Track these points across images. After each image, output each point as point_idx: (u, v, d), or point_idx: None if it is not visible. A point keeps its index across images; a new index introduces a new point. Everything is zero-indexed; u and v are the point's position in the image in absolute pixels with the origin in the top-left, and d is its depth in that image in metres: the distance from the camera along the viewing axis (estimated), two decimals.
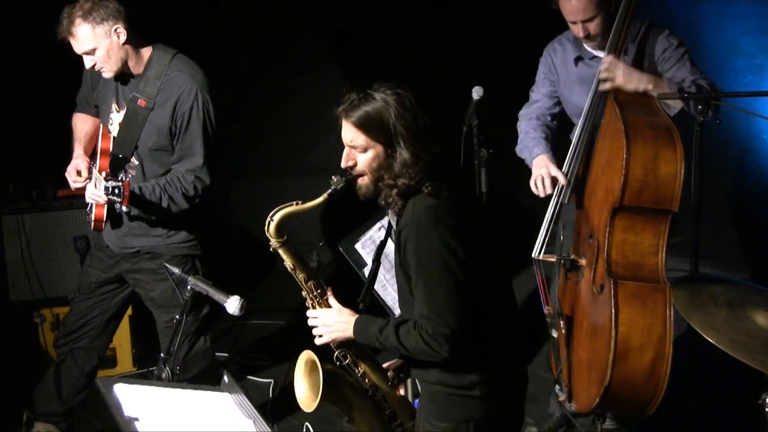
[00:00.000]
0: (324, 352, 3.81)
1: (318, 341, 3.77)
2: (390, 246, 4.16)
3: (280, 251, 3.76)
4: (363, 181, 3.51)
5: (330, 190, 3.53)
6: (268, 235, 3.71)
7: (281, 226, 3.69)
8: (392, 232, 3.66)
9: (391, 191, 3.43)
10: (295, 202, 3.63)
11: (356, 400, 3.89)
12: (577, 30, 4.86)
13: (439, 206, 3.40)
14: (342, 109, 3.47)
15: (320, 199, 3.57)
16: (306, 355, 3.82)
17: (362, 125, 3.41)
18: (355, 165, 3.49)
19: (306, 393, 3.82)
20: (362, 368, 3.88)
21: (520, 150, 5.20)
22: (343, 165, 3.51)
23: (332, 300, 3.79)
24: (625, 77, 4.69)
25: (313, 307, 3.81)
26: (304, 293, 3.83)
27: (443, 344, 3.35)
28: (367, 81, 3.52)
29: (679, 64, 4.82)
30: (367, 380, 3.90)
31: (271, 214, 3.67)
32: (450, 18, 7.77)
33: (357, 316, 3.68)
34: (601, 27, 4.82)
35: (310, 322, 3.78)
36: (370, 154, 3.45)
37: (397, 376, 3.92)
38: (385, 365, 3.96)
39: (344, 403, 3.90)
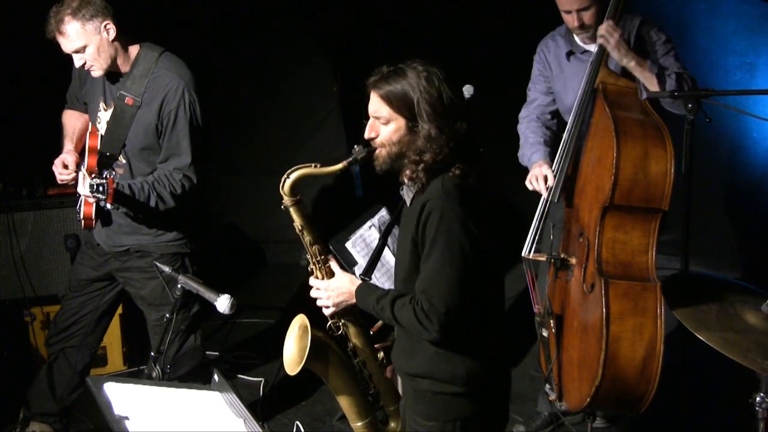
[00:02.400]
0: (319, 319, 3.84)
1: (326, 312, 3.82)
2: (386, 250, 4.18)
3: (291, 210, 3.79)
4: (380, 153, 3.52)
5: (350, 158, 3.59)
6: (282, 193, 3.75)
7: (296, 185, 3.72)
8: (403, 210, 3.65)
9: (417, 167, 3.43)
10: (313, 164, 3.67)
11: (341, 372, 3.90)
12: (572, 20, 4.88)
13: (468, 189, 3.42)
14: (372, 80, 3.50)
15: (340, 166, 3.61)
16: (300, 319, 3.85)
17: (387, 97, 3.44)
18: (378, 137, 3.51)
19: (293, 355, 3.85)
20: (353, 342, 3.90)
21: (521, 157, 5.22)
22: (366, 136, 3.54)
23: (334, 265, 3.84)
24: (619, 44, 4.72)
25: (315, 272, 3.85)
26: (307, 256, 3.85)
27: (435, 323, 3.36)
28: (358, 81, 3.53)
29: (665, 58, 4.85)
30: (356, 355, 3.91)
31: (288, 171, 3.71)
32: (440, 17, 7.78)
33: (359, 282, 3.72)
34: (595, 17, 4.85)
35: (313, 293, 3.81)
36: (392, 126, 3.47)
37: (387, 357, 3.93)
38: (377, 345, 3.97)
39: (328, 373, 3.91)
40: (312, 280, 3.84)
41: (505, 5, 7.44)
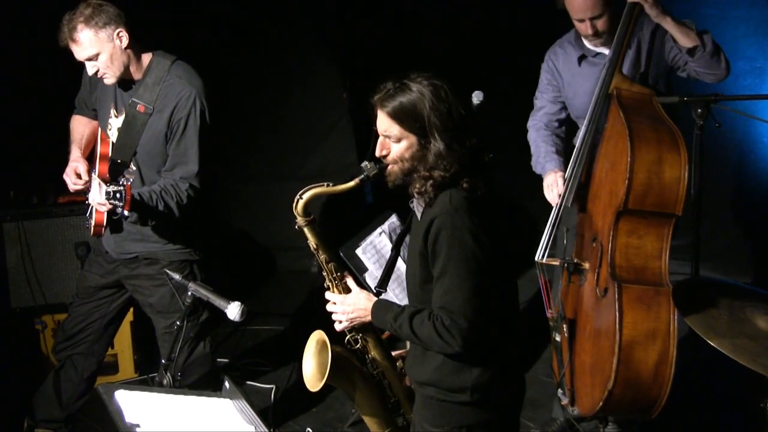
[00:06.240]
0: (336, 333, 3.83)
1: (338, 327, 3.80)
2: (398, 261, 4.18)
3: (305, 230, 3.78)
4: (393, 169, 3.49)
5: (362, 176, 3.55)
6: (295, 213, 3.72)
7: (309, 205, 3.71)
8: (413, 222, 3.65)
9: (426, 182, 3.40)
10: (326, 183, 3.65)
11: (361, 385, 3.90)
12: (585, 28, 4.90)
13: (476, 202, 3.40)
14: (377, 98, 3.46)
15: (351, 184, 3.59)
16: (318, 335, 3.85)
17: (396, 115, 3.41)
18: (389, 154, 3.49)
19: (313, 372, 3.85)
20: (372, 354, 3.91)
21: (534, 165, 5.24)
22: (377, 154, 3.51)
23: (351, 282, 3.83)
24: (656, 1, 4.72)
25: (332, 290, 3.84)
26: (324, 274, 3.84)
27: (457, 338, 3.34)
28: (367, 86, 3.52)
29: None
30: (375, 366, 3.92)
31: (300, 192, 3.68)
32: (449, 22, 7.78)
33: (375, 300, 3.71)
34: (607, 24, 4.87)
35: (329, 308, 3.80)
36: (404, 144, 3.44)
37: (405, 366, 3.92)
38: (394, 353, 3.98)
39: (349, 387, 3.92)
40: (328, 295, 3.83)
41: (516, 10, 7.43)
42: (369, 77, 3.54)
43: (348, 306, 3.75)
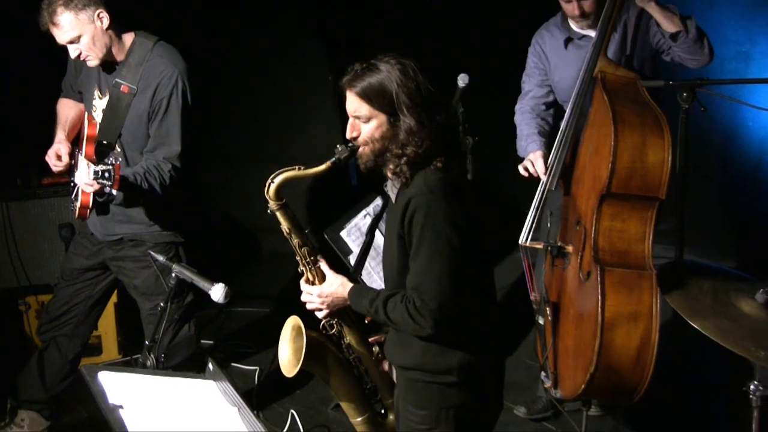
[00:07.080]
0: (312, 319, 3.83)
1: (319, 315, 3.80)
2: (378, 237, 4.17)
3: (278, 214, 3.77)
4: (364, 150, 3.50)
5: (333, 159, 3.55)
6: (267, 197, 3.72)
7: (281, 189, 3.69)
8: (389, 204, 3.65)
9: (399, 161, 3.41)
10: (297, 167, 3.64)
11: (338, 371, 3.91)
12: (572, 8, 4.91)
13: (451, 182, 3.41)
14: (346, 80, 3.49)
15: (323, 167, 3.58)
16: (293, 320, 3.84)
17: (365, 95, 3.43)
18: (359, 135, 3.50)
19: (288, 357, 3.85)
20: (348, 339, 3.91)
21: (518, 148, 5.24)
22: (347, 136, 3.52)
23: (324, 267, 3.81)
24: None
25: (306, 274, 3.83)
26: (297, 258, 3.84)
27: (428, 319, 3.35)
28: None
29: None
30: (351, 352, 3.92)
31: (272, 176, 3.68)
32: (435, 4, 7.76)
33: (351, 286, 3.70)
34: (594, 5, 4.88)
35: (304, 298, 3.80)
36: (374, 123, 3.45)
37: (382, 351, 3.93)
38: (371, 339, 3.98)
39: (325, 373, 3.92)
40: (303, 285, 3.83)
41: None
42: (356, 60, 3.53)
43: (325, 296, 3.75)
